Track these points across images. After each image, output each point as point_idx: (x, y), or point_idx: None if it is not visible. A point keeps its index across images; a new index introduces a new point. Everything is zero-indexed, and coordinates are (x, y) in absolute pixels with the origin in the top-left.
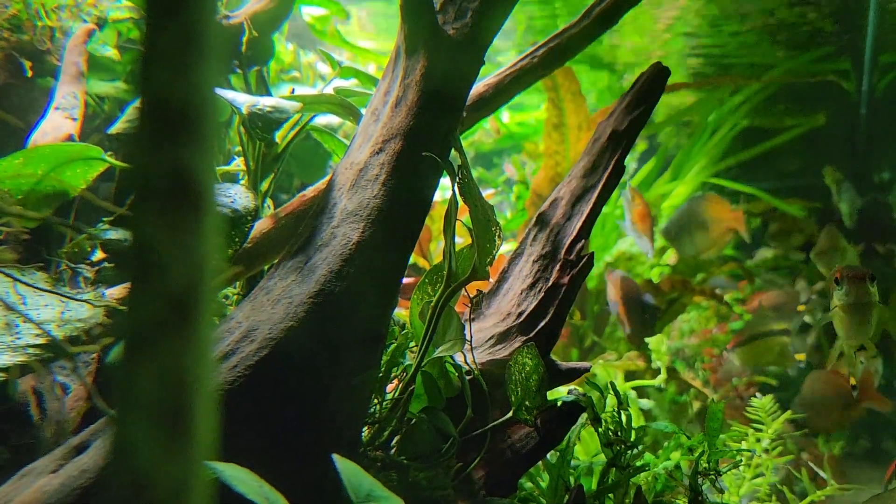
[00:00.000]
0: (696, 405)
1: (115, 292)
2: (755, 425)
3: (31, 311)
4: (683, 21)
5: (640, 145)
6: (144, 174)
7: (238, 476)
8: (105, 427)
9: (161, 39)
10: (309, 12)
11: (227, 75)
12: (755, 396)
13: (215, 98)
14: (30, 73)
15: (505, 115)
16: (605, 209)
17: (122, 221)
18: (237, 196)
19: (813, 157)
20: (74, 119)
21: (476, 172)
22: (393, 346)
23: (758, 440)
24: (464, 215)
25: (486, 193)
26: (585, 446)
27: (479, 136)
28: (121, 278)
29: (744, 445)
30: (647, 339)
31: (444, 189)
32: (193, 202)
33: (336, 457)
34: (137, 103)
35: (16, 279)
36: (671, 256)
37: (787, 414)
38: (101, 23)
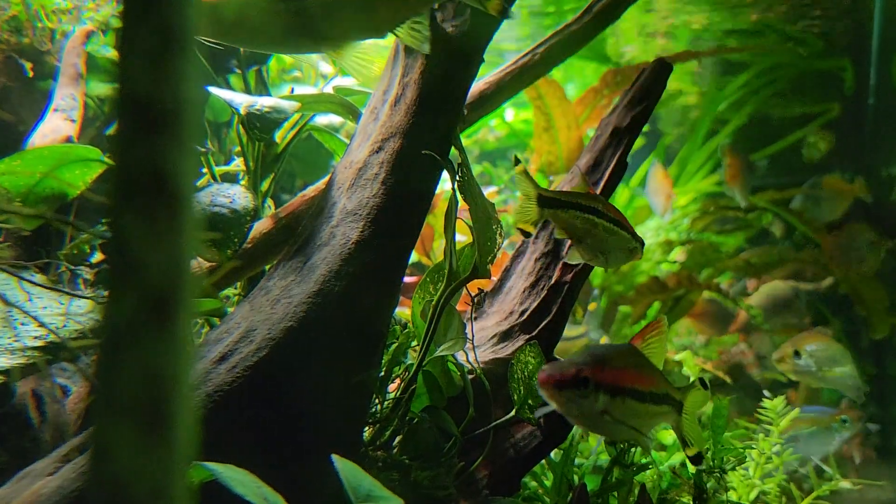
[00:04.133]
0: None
1: None
2: (765, 426)
3: (30, 312)
4: (687, 18)
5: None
6: (121, 172)
7: (236, 477)
8: None
9: (138, 36)
10: None
11: (225, 75)
12: (765, 396)
13: (196, 95)
14: (31, 74)
15: (509, 112)
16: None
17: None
18: (236, 196)
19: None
20: (73, 121)
21: (480, 168)
22: (394, 346)
23: (766, 435)
24: (466, 213)
25: (489, 192)
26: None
27: (483, 133)
28: None
29: (754, 446)
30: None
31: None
32: (171, 200)
33: (335, 457)
34: (115, 101)
35: (20, 277)
36: (679, 253)
37: (796, 412)
38: (104, 26)
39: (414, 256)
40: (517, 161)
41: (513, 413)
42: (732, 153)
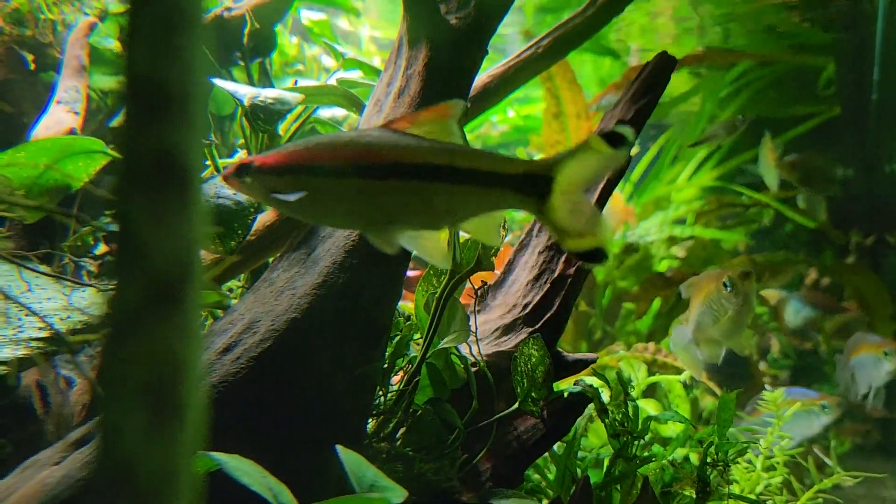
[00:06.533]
0: (708, 399)
1: None
2: (766, 419)
3: (33, 303)
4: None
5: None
6: (129, 155)
7: (241, 467)
8: None
9: (145, 19)
10: (308, 16)
11: (228, 67)
12: (766, 388)
13: (203, 79)
14: (32, 67)
15: (510, 111)
16: None
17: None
18: None
19: (822, 149)
20: (76, 113)
21: None
22: (398, 338)
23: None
24: None
25: None
26: (600, 435)
27: (486, 129)
28: None
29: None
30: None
31: None
32: (179, 185)
33: (340, 447)
34: (122, 85)
35: (23, 266)
36: (681, 249)
37: (797, 405)
38: (104, 15)
39: None
40: None
41: (516, 406)
42: (770, 139)
